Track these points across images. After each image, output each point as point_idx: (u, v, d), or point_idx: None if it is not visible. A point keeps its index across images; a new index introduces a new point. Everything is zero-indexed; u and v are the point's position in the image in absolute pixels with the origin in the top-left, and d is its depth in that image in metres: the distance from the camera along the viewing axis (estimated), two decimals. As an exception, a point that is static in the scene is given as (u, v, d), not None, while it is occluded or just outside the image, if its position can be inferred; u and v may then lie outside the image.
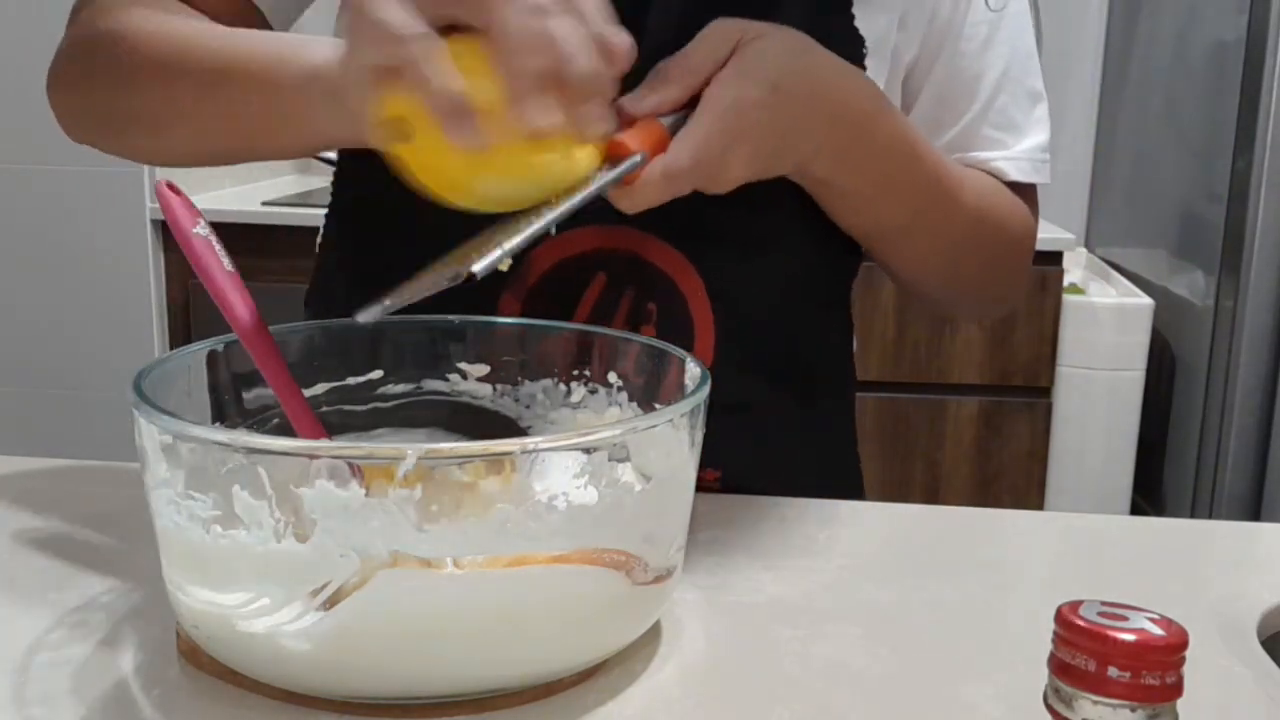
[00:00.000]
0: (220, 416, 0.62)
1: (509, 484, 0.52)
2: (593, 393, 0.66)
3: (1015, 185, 0.84)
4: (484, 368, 0.68)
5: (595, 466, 0.50)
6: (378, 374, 0.67)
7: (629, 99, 0.63)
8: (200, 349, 0.61)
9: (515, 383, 0.68)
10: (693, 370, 0.59)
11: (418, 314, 0.68)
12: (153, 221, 2.14)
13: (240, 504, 0.48)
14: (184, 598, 0.52)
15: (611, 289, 0.75)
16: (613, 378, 0.65)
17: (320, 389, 0.65)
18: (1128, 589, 0.65)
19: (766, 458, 0.81)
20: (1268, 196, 1.90)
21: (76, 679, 0.54)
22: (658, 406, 0.61)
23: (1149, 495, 2.27)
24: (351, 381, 0.66)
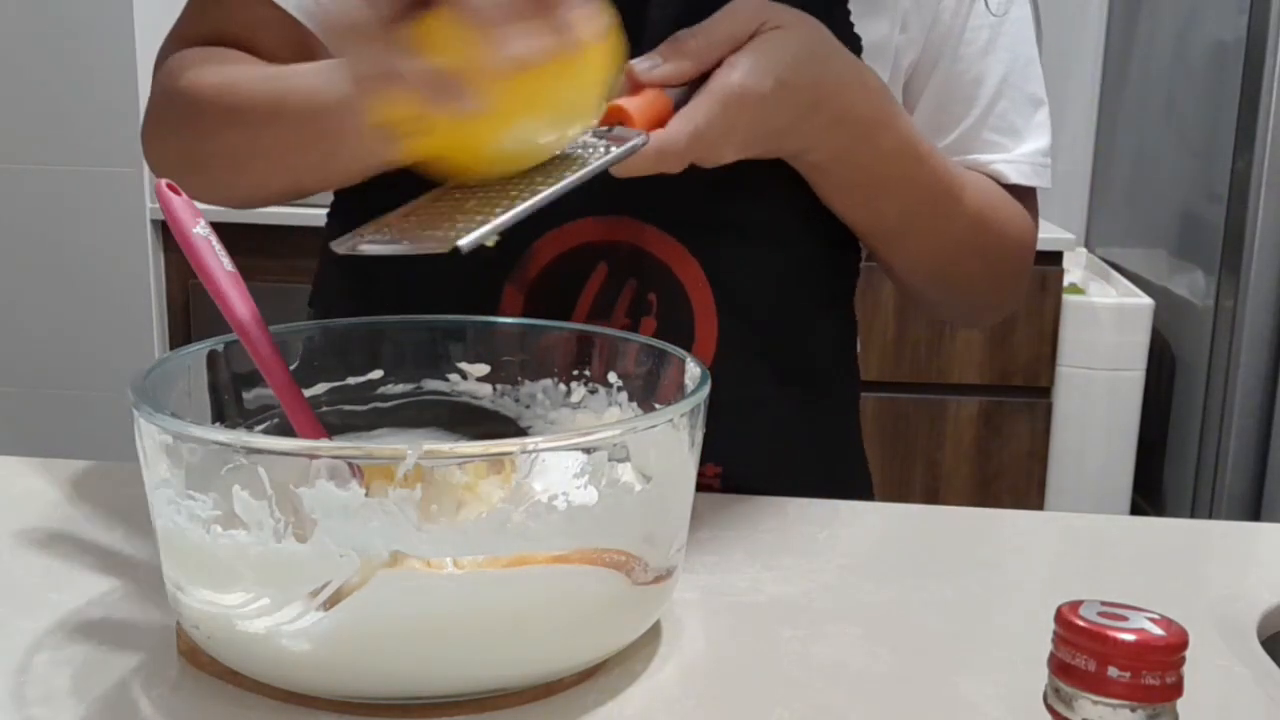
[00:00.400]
0: (220, 416, 0.62)
1: (509, 484, 0.52)
2: (593, 393, 0.66)
3: (1015, 189, 0.84)
4: (484, 368, 0.68)
5: (595, 466, 0.50)
6: (378, 374, 0.67)
7: (641, 64, 0.65)
8: (200, 349, 0.61)
9: (515, 383, 0.68)
10: (693, 370, 0.59)
11: (418, 314, 0.68)
12: (153, 221, 2.14)
13: (240, 504, 0.48)
14: (184, 598, 0.52)
15: (613, 280, 0.76)
16: (613, 377, 0.65)
17: (320, 389, 0.65)
18: (1128, 589, 0.65)
19: (768, 452, 0.81)
20: (1268, 196, 1.90)
21: (76, 679, 0.54)
22: (658, 406, 0.61)
23: (1149, 495, 2.27)
24: (351, 381, 0.66)
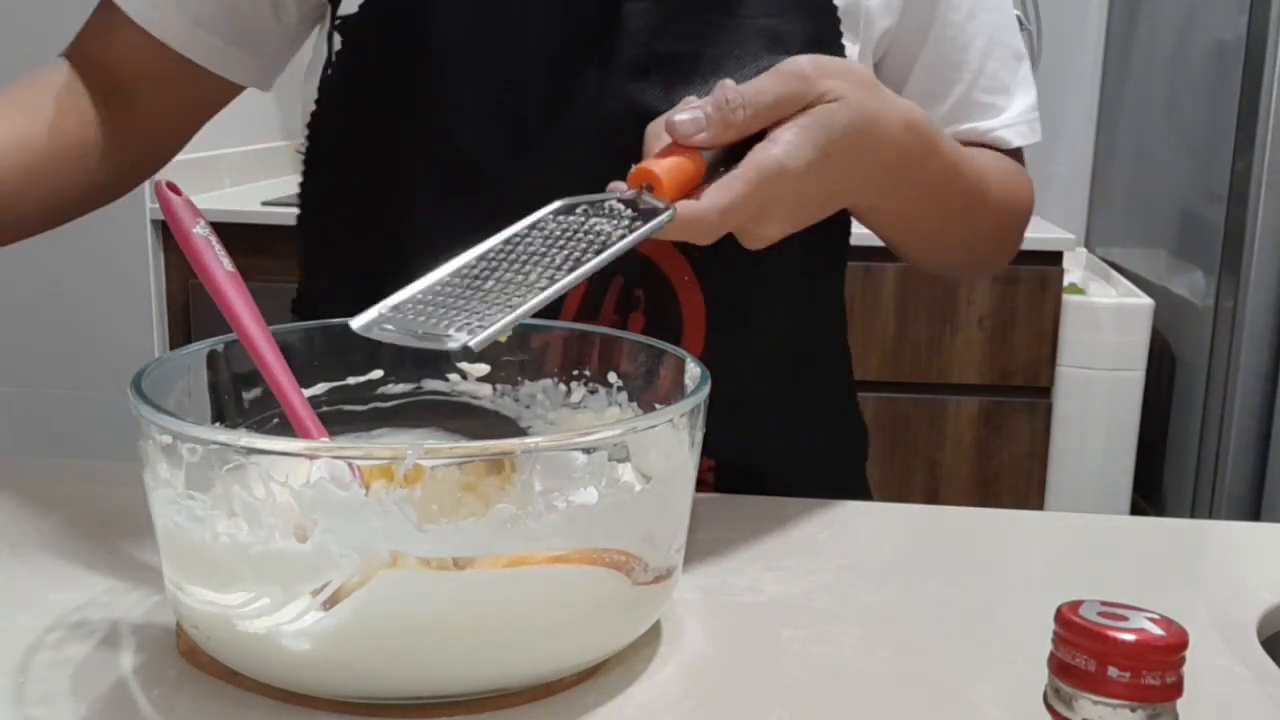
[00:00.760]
0: (220, 416, 0.62)
1: (509, 484, 0.52)
2: (593, 393, 0.66)
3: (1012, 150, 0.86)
4: (484, 368, 0.68)
5: (595, 466, 0.50)
6: (378, 374, 0.67)
7: (684, 124, 0.60)
8: (200, 349, 0.61)
9: (515, 383, 0.68)
10: (692, 370, 0.59)
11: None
12: (153, 221, 2.14)
13: (240, 504, 0.48)
14: (184, 598, 0.52)
15: (599, 279, 0.76)
16: (613, 378, 0.65)
17: (320, 389, 0.65)
18: (1128, 589, 0.65)
19: (761, 444, 0.81)
20: (1268, 196, 1.90)
21: (76, 679, 0.54)
22: (658, 406, 0.61)
23: (1149, 495, 2.27)
24: (351, 381, 0.66)
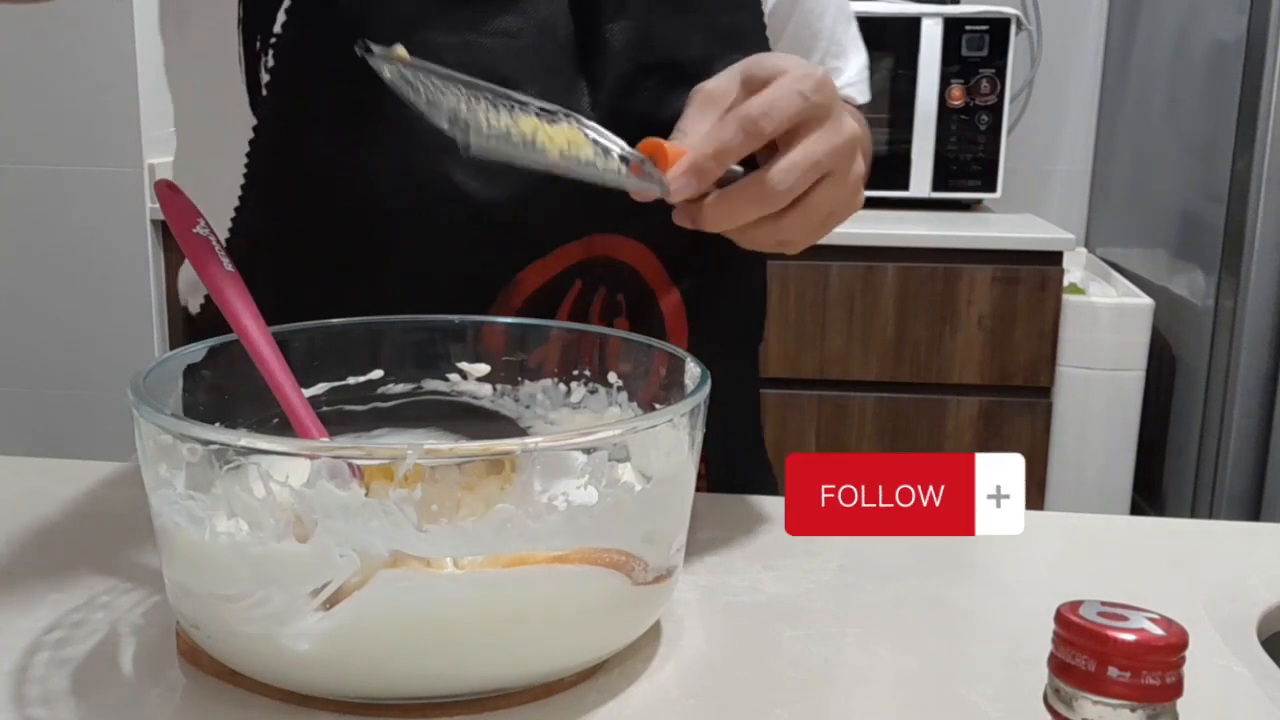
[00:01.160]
0: (220, 416, 0.62)
1: (509, 484, 0.52)
2: (593, 393, 0.66)
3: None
4: (484, 368, 0.68)
5: (595, 466, 0.50)
6: (378, 374, 0.67)
7: (705, 141, 0.61)
8: (200, 349, 0.61)
9: (515, 383, 0.68)
10: (692, 370, 0.59)
11: (418, 314, 0.68)
12: (153, 221, 2.14)
13: (240, 504, 0.48)
14: (184, 598, 0.52)
15: (586, 290, 0.76)
16: (613, 378, 0.65)
17: (320, 389, 0.65)
18: (1128, 589, 0.65)
19: (749, 443, 0.82)
20: (1268, 196, 1.90)
21: (76, 679, 0.54)
22: (658, 406, 0.61)
23: (1149, 495, 2.27)
24: (351, 381, 0.66)
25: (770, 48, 0.81)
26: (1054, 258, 2.11)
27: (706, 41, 0.76)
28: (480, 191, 0.72)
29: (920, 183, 2.26)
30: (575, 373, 0.67)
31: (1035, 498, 2.21)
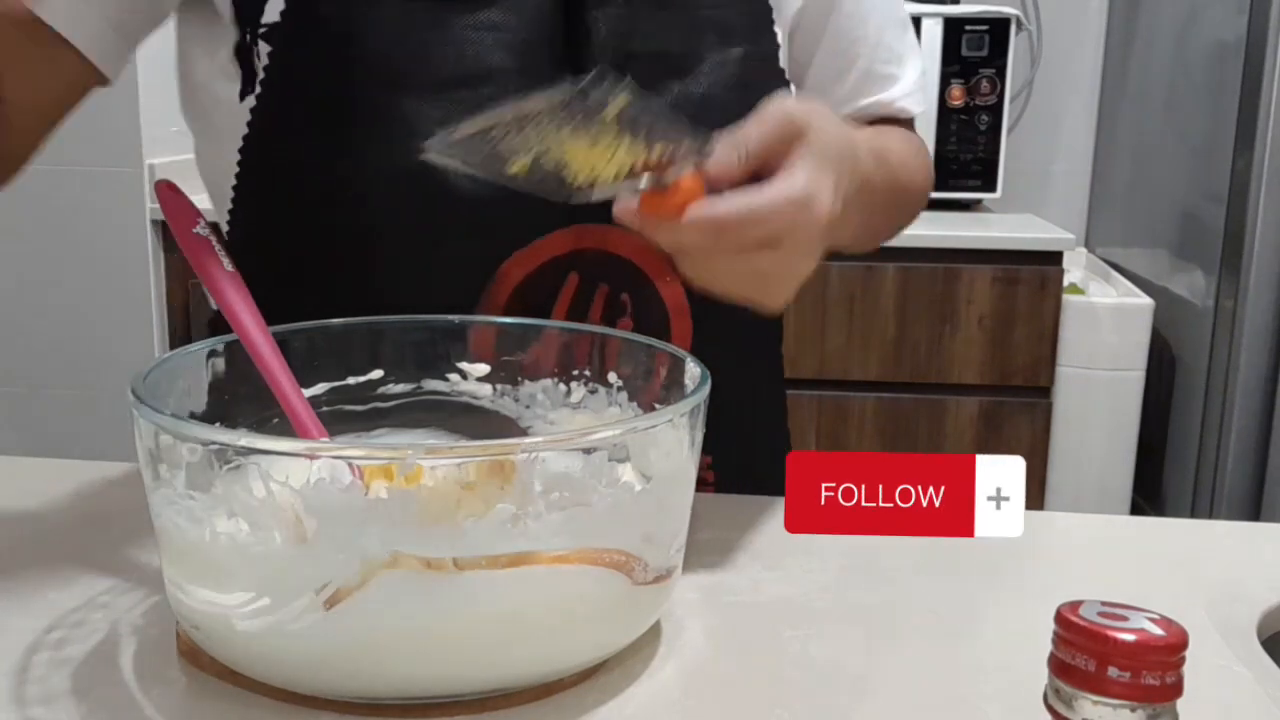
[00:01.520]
0: (220, 416, 0.62)
1: (509, 484, 0.52)
2: (593, 393, 0.66)
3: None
4: (484, 367, 0.68)
5: (595, 466, 0.50)
6: (378, 374, 0.67)
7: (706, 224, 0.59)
8: (200, 349, 0.61)
9: (515, 383, 0.68)
10: (692, 370, 0.59)
11: (417, 314, 0.68)
12: (153, 221, 2.14)
13: (240, 504, 0.48)
14: (184, 598, 0.52)
15: (585, 287, 0.76)
16: (613, 378, 0.65)
17: (320, 389, 0.65)
18: (1128, 589, 0.65)
19: (753, 440, 0.82)
20: (1268, 196, 1.90)
21: (76, 679, 0.54)
22: (658, 406, 0.61)
23: (1149, 495, 2.27)
24: (351, 381, 0.66)
25: (773, 38, 0.80)
26: (1054, 258, 2.11)
27: (691, 33, 0.76)
28: (468, 186, 0.72)
29: (920, 183, 2.26)
30: (575, 373, 0.67)
31: (1035, 498, 2.21)
